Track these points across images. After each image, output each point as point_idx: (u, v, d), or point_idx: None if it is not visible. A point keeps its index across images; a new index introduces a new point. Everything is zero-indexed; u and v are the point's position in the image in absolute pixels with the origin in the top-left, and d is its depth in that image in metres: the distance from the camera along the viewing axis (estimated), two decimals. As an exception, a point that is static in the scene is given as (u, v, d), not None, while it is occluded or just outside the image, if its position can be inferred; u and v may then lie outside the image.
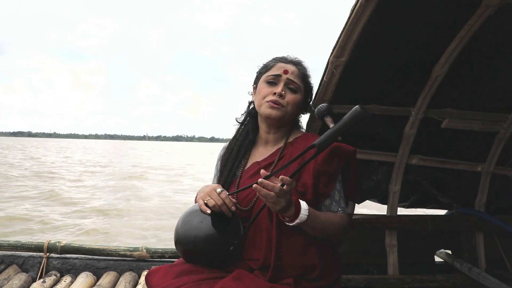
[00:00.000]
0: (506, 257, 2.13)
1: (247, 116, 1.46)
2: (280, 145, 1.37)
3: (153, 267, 1.22)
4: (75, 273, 2.10)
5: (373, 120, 1.82)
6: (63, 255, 2.15)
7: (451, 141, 1.95)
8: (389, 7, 1.34)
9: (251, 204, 1.25)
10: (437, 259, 2.32)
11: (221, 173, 1.39)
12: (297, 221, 1.08)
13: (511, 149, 1.97)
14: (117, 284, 2.02)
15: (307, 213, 1.09)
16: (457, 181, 2.09)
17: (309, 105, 1.47)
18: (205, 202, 1.19)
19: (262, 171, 1.05)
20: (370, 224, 2.06)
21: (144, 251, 2.17)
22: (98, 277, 2.09)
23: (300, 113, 1.43)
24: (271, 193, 1.01)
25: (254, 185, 1.02)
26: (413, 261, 2.14)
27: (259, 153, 1.40)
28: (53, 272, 2.08)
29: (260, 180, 1.02)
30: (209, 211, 1.16)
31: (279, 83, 1.32)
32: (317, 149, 1.09)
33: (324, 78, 1.51)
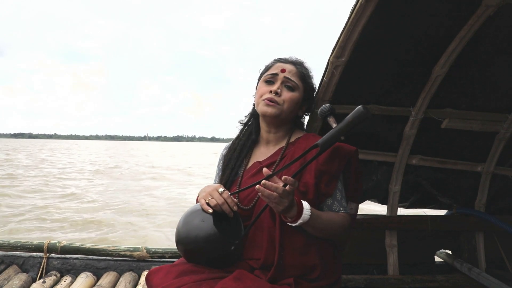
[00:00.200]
0: (506, 257, 2.13)
1: (250, 117, 1.48)
2: (282, 145, 1.38)
3: (154, 267, 1.22)
4: (75, 273, 2.10)
5: (373, 120, 1.82)
6: (63, 255, 2.16)
7: (451, 141, 1.95)
8: (389, 7, 1.34)
9: (253, 203, 1.26)
10: (437, 259, 2.32)
11: (223, 172, 1.40)
12: (300, 221, 1.08)
13: (511, 149, 1.97)
14: (117, 284, 2.02)
15: (310, 213, 1.09)
16: (457, 181, 2.09)
17: (312, 106, 1.48)
18: (206, 201, 1.19)
19: (265, 170, 1.06)
20: (370, 224, 2.06)
21: (144, 251, 2.18)
22: (98, 277, 2.09)
23: (300, 112, 1.43)
24: (274, 193, 1.01)
25: (257, 186, 1.02)
26: (413, 261, 2.14)
27: (260, 152, 1.41)
28: (53, 272, 2.08)
29: (263, 181, 1.01)
30: (210, 210, 1.16)
31: (276, 81, 1.34)
32: (320, 149, 1.10)
33: (324, 78, 1.52)
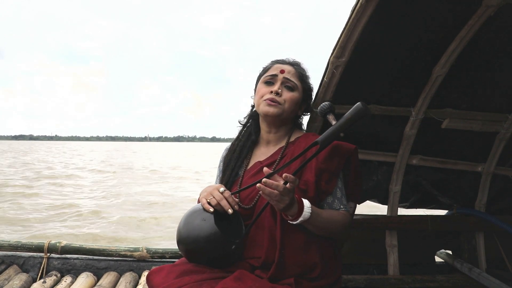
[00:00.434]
0: (507, 257, 2.13)
1: (249, 118, 1.49)
2: (282, 144, 1.38)
3: (154, 267, 1.22)
4: (75, 273, 2.10)
5: (373, 120, 1.82)
6: (63, 256, 2.16)
7: (451, 141, 1.95)
8: (389, 7, 1.35)
9: (253, 203, 1.26)
10: (438, 259, 2.32)
11: (223, 173, 1.41)
12: (300, 219, 1.09)
13: (511, 150, 1.97)
14: (118, 284, 2.02)
15: (310, 211, 1.10)
16: (457, 182, 2.09)
17: (310, 105, 1.48)
18: (207, 201, 1.19)
19: (265, 169, 1.07)
20: (370, 224, 2.06)
21: (145, 251, 2.18)
22: (98, 278, 2.09)
23: (300, 112, 1.44)
24: (275, 191, 1.02)
25: (258, 185, 1.03)
26: (413, 261, 2.14)
27: (261, 153, 1.41)
28: (54, 272, 2.08)
29: (264, 179, 1.02)
30: (211, 209, 1.17)
31: (276, 82, 1.35)
32: (319, 146, 1.10)
33: (325, 79, 1.52)
